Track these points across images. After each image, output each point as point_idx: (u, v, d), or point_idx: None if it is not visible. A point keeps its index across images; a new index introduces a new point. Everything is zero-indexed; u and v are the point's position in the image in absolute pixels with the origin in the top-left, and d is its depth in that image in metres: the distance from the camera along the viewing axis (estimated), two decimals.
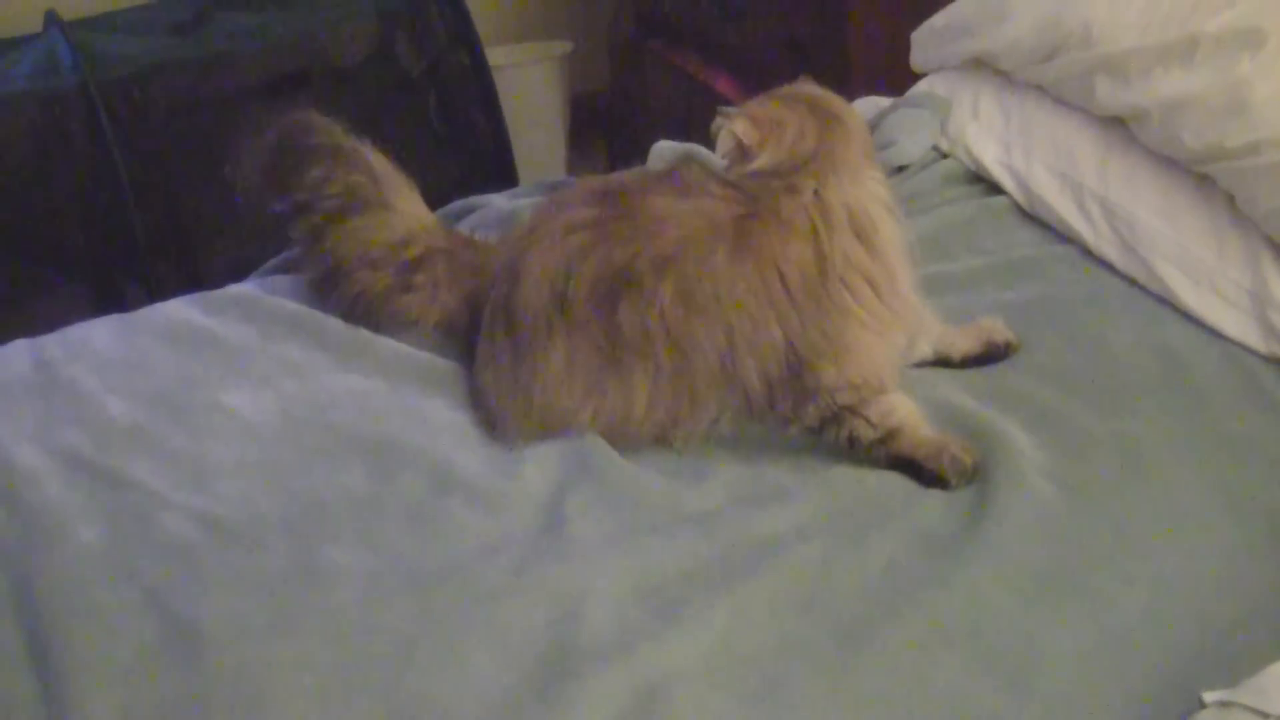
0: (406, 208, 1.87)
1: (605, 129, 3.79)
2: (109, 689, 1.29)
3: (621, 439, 1.60)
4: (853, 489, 1.52)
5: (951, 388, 1.67)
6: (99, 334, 1.89)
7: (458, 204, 2.20)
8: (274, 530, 1.49)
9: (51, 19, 2.86)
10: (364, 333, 1.82)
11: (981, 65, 2.21)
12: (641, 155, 2.22)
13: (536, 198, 2.16)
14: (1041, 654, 1.30)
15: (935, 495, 1.50)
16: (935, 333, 1.72)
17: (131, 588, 1.41)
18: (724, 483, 1.55)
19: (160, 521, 1.51)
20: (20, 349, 1.86)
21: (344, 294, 1.82)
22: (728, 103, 2.59)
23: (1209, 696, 1.23)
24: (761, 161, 1.62)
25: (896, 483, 1.53)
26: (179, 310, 1.94)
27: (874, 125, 2.19)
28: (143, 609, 1.38)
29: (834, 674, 1.29)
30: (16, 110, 2.66)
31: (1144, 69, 1.88)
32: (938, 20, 2.27)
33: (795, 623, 1.35)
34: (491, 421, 1.65)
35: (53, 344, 1.86)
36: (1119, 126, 1.95)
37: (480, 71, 3.04)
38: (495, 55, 3.19)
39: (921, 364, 1.71)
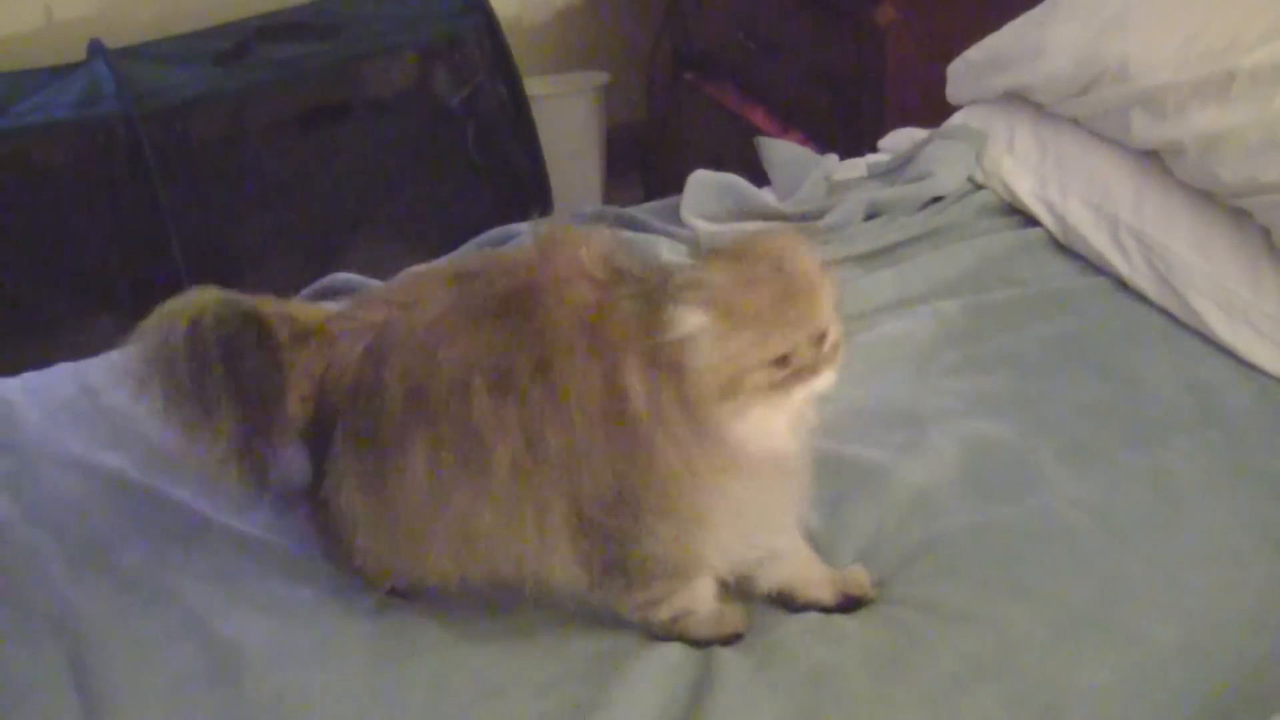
0: None
1: (642, 160, 3.80)
2: (151, 714, 1.31)
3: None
4: (872, 526, 1.52)
5: (983, 420, 1.67)
6: None
7: (495, 232, 2.21)
8: (314, 558, 1.50)
9: (95, 48, 2.89)
10: None
11: (1017, 98, 2.21)
12: (677, 186, 2.24)
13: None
14: (1074, 688, 1.30)
15: (957, 532, 1.50)
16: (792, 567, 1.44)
17: (173, 611, 1.43)
18: None
19: (203, 545, 1.53)
20: (65, 373, 1.88)
21: None
22: (765, 134, 2.61)
23: None
24: None
25: (914, 524, 1.52)
26: None
27: (910, 157, 2.20)
28: (184, 632, 1.40)
29: (866, 705, 1.30)
30: (60, 138, 2.69)
31: (1180, 103, 1.88)
32: (974, 54, 2.28)
33: (826, 652, 1.35)
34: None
35: (97, 368, 1.88)
36: (1155, 160, 1.96)
37: (518, 102, 3.06)
38: (533, 86, 3.20)
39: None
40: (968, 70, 2.30)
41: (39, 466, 1.66)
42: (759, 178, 2.25)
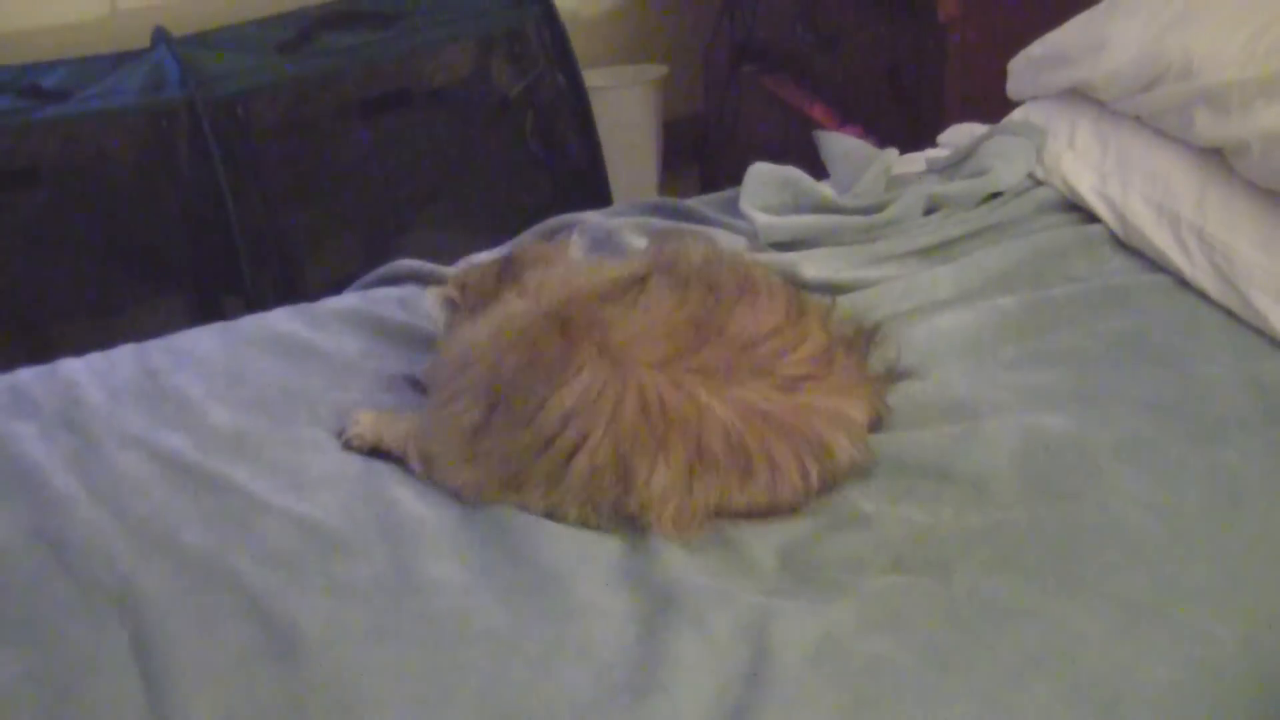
0: None
1: (699, 153, 3.80)
2: (211, 691, 1.32)
3: None
4: (928, 518, 1.52)
5: (1042, 414, 1.66)
6: (203, 342, 1.93)
7: (553, 220, 2.22)
8: (372, 539, 1.52)
9: (160, 35, 2.92)
10: None
11: (1079, 94, 2.20)
12: (733, 179, 2.24)
13: (633, 217, 2.18)
14: (1132, 684, 1.30)
15: (1014, 526, 1.49)
16: None
17: (233, 591, 1.44)
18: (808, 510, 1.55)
19: (261, 527, 1.54)
20: (127, 355, 1.90)
21: None
22: (822, 128, 2.61)
23: None
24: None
25: (971, 516, 1.52)
26: (281, 321, 1.97)
27: (970, 152, 2.20)
28: (243, 612, 1.41)
29: (923, 697, 1.30)
30: (124, 124, 2.72)
31: (1245, 101, 1.87)
32: (1036, 49, 2.27)
33: (883, 644, 1.35)
34: None
35: (158, 351, 1.90)
36: (1218, 158, 1.95)
37: (577, 93, 3.06)
38: (591, 77, 3.21)
39: None
40: (1029, 66, 2.29)
41: (102, 445, 1.68)
42: (815, 171, 2.25)
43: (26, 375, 1.86)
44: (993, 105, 2.38)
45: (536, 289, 1.60)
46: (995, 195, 2.13)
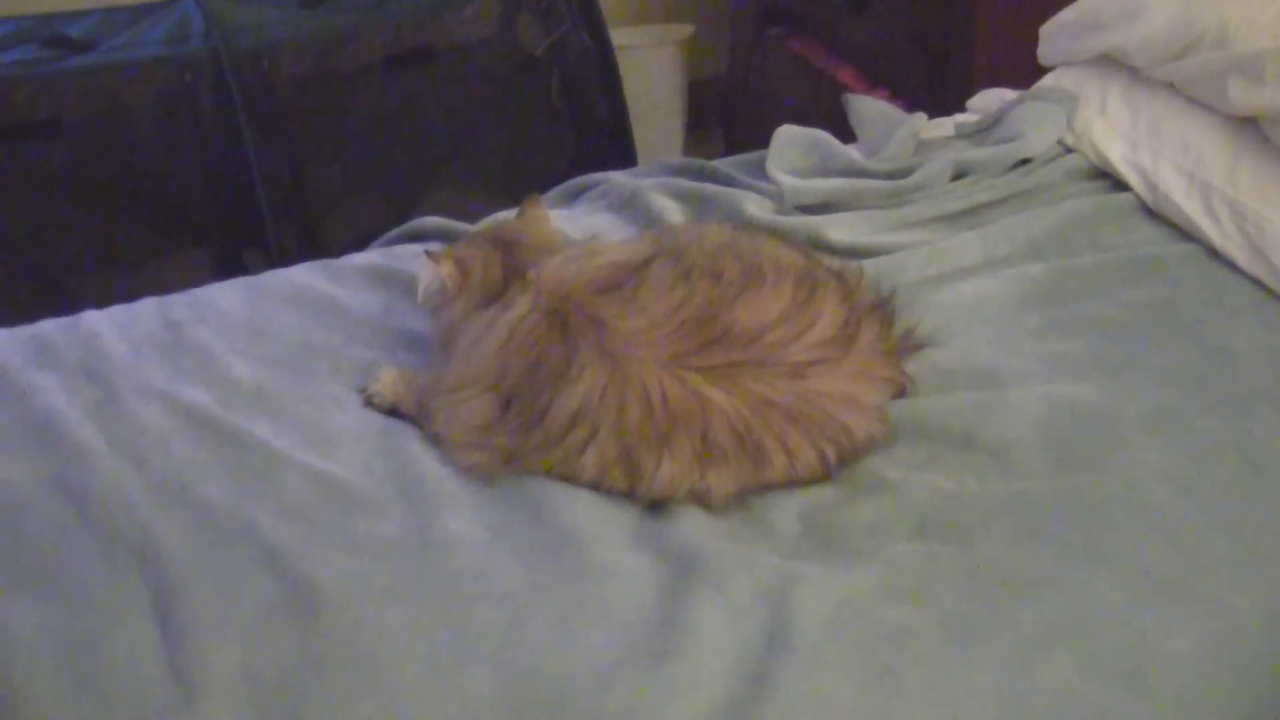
0: None
1: (723, 114, 3.78)
2: (230, 645, 1.32)
3: None
4: (952, 485, 1.52)
5: (1067, 383, 1.65)
6: (225, 296, 1.92)
7: (576, 180, 2.21)
8: (392, 497, 1.51)
9: None
10: None
11: (1110, 61, 2.18)
12: (758, 142, 2.23)
13: (659, 177, 2.17)
14: (1155, 655, 1.29)
15: (1037, 495, 1.48)
16: None
17: (252, 546, 1.44)
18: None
19: (282, 481, 1.54)
20: (149, 307, 1.90)
21: None
22: (850, 91, 2.59)
23: None
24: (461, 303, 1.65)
25: (994, 484, 1.51)
26: (304, 276, 1.97)
27: (999, 118, 2.18)
28: (263, 567, 1.41)
29: (942, 666, 1.29)
30: (149, 75, 2.71)
31: None
32: (1067, 15, 2.25)
33: (904, 611, 1.34)
34: None
35: (181, 304, 1.90)
36: (1251, 127, 1.93)
37: (603, 52, 3.04)
38: (617, 37, 3.18)
39: None
40: (1061, 31, 2.27)
41: (124, 398, 1.68)
42: (841, 135, 2.24)
43: (49, 326, 1.86)
44: (1022, 71, 2.37)
45: (537, 282, 1.59)
46: (1024, 162, 2.11)
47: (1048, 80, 2.27)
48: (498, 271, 1.66)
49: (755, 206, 2.01)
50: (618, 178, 2.17)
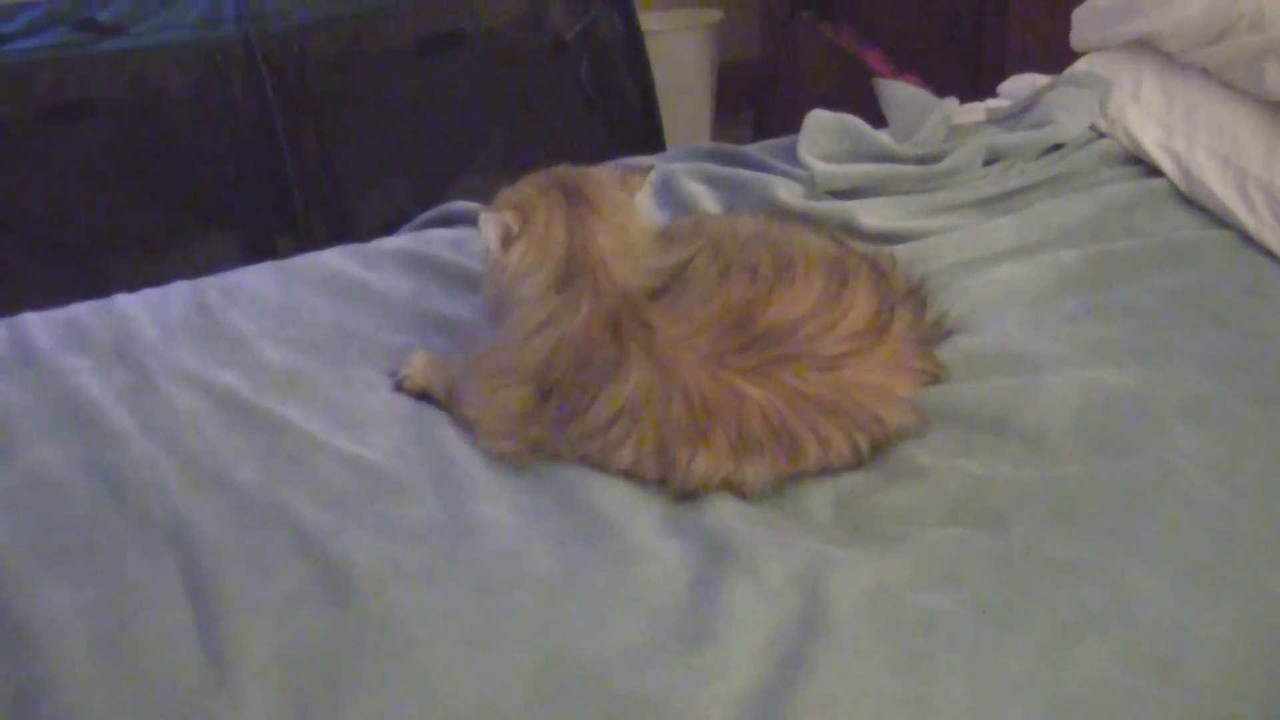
0: None
1: (753, 99, 3.77)
2: (263, 628, 1.32)
3: None
4: (985, 471, 1.51)
5: (1102, 369, 1.64)
6: (257, 280, 1.93)
7: (606, 165, 2.20)
8: (424, 480, 1.52)
9: None
10: None
11: (1144, 46, 2.17)
12: (788, 127, 2.22)
13: (690, 162, 2.16)
14: (1192, 643, 1.28)
15: (1072, 481, 1.48)
16: None
17: (285, 529, 1.44)
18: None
19: (314, 465, 1.54)
20: (181, 290, 1.91)
21: None
22: (881, 76, 2.58)
23: None
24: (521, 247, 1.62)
25: (1028, 470, 1.50)
26: (335, 260, 1.97)
27: (1032, 103, 2.17)
28: (296, 550, 1.41)
29: (977, 652, 1.28)
30: (179, 59, 2.71)
31: None
32: None
33: (937, 597, 1.34)
34: None
35: (212, 287, 1.91)
36: None
37: (633, 37, 3.04)
38: (646, 21, 3.18)
39: None
40: (1094, 16, 2.26)
41: (156, 381, 1.69)
42: (872, 120, 2.23)
43: (82, 309, 1.87)
44: (1055, 56, 2.35)
45: (595, 286, 1.57)
46: (1057, 147, 2.10)
47: (1080, 65, 2.25)
48: (560, 229, 1.62)
49: (786, 192, 2.01)
50: (648, 163, 2.17)
